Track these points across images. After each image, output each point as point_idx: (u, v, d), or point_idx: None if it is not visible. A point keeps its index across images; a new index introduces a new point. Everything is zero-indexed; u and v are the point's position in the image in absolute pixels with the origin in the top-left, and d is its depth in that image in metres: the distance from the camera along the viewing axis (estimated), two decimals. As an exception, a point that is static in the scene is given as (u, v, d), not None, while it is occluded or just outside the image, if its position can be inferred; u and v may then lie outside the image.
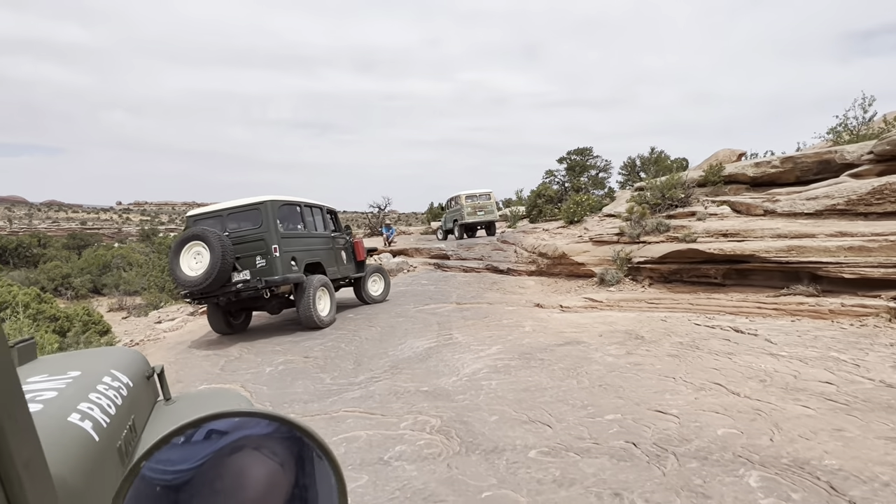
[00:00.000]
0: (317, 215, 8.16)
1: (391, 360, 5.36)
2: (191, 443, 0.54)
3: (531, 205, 23.39)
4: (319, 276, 7.34)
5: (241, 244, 6.75)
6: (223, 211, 7.01)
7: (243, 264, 6.69)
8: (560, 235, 12.50)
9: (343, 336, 6.72)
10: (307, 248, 7.51)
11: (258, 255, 6.68)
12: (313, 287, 7.06)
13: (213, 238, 6.43)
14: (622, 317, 6.94)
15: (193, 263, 6.56)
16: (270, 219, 6.78)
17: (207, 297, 6.83)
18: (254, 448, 0.55)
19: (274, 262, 6.65)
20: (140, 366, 1.04)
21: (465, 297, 9.51)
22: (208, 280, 6.39)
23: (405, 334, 6.56)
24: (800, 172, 10.13)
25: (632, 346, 5.54)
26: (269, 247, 6.67)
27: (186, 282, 6.54)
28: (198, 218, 7.10)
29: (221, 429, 0.55)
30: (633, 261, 8.59)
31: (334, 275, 8.15)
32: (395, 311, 8.44)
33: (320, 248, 7.94)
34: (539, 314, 7.52)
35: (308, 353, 5.95)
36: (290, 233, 7.19)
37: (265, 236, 6.72)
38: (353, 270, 9.06)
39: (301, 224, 7.64)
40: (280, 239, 6.79)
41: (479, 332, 6.51)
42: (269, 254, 6.66)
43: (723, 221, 8.05)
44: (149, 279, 19.09)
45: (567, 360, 5.04)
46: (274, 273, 6.65)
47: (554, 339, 6.08)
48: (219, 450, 0.55)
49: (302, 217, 7.68)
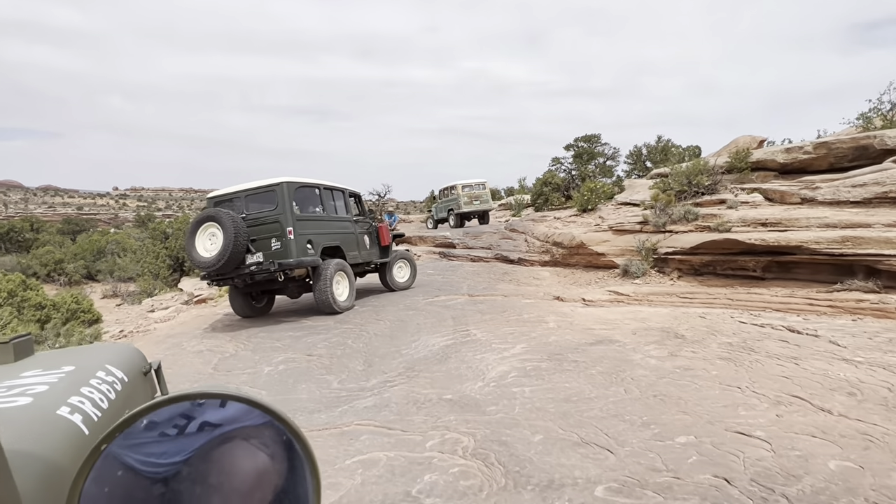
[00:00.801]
0: (338, 199, 7.93)
1: (406, 361, 4.76)
2: (184, 434, 0.53)
3: (537, 193, 22.77)
4: (337, 261, 7.14)
5: (257, 226, 6.65)
6: (241, 192, 6.93)
7: (258, 246, 6.59)
8: (574, 224, 11.89)
9: (349, 331, 6.12)
10: (325, 231, 7.30)
11: (273, 237, 6.57)
12: (330, 271, 6.87)
13: (226, 219, 6.33)
14: (654, 312, 6.36)
15: (208, 244, 6.51)
16: (286, 201, 6.63)
17: (223, 279, 6.78)
18: (243, 439, 0.54)
19: (288, 245, 6.52)
20: (137, 361, 1.03)
21: (476, 289, 8.92)
22: (221, 261, 6.30)
23: (418, 330, 5.96)
24: (834, 159, 9.51)
25: (673, 346, 4.97)
26: (283, 229, 6.55)
27: (201, 262, 6.52)
28: (218, 199, 7.03)
29: (214, 420, 0.54)
30: (659, 251, 7.99)
31: (355, 259, 7.87)
32: (404, 302, 7.84)
33: (340, 231, 7.70)
34: (561, 308, 6.93)
35: (311, 351, 5.35)
36: (306, 215, 7.02)
37: (280, 218, 6.58)
38: (376, 256, 8.74)
39: (319, 207, 7.46)
40: (295, 221, 6.64)
41: (498, 328, 5.93)
42: (284, 236, 6.54)
43: (759, 210, 7.45)
44: (143, 265, 18.47)
45: (605, 363, 4.46)
46: (288, 256, 6.52)
47: (583, 336, 5.50)
48: (208, 441, 0.53)
49: (321, 200, 7.48)
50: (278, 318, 7.44)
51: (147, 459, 0.51)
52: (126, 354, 1.02)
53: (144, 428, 0.51)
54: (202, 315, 8.27)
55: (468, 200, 18.83)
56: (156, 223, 19.61)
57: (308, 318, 7.19)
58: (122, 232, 41.21)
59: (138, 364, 1.03)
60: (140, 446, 0.51)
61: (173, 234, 18.29)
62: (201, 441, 0.53)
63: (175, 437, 0.53)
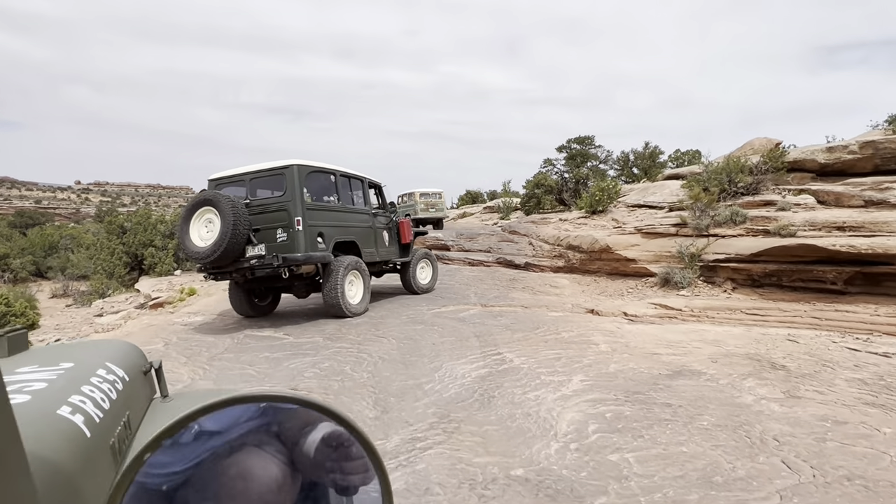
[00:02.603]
0: (355, 188, 7.01)
1: (434, 402, 3.40)
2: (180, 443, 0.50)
3: (529, 195, 21.73)
4: (352, 258, 6.30)
5: (262, 214, 5.84)
6: (246, 175, 6.10)
7: (261, 237, 5.80)
8: (586, 226, 10.71)
9: (345, 352, 4.72)
10: (339, 223, 6.42)
11: (279, 227, 5.78)
12: (343, 269, 6.05)
13: (224, 204, 5.51)
14: (724, 333, 5.17)
15: (204, 232, 5.72)
16: (296, 186, 5.79)
17: (220, 272, 5.95)
18: (255, 445, 0.51)
19: (296, 237, 5.72)
20: (137, 360, 0.95)
21: (487, 298, 7.61)
22: (217, 252, 5.49)
23: (435, 352, 4.61)
24: (880, 160, 8.57)
25: (780, 381, 3.78)
26: (291, 219, 5.73)
27: (194, 253, 5.69)
28: (220, 182, 6.20)
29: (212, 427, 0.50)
30: (704, 258, 6.83)
31: (371, 257, 6.97)
32: (406, 313, 6.47)
33: (356, 225, 6.79)
34: (603, 325, 5.68)
35: (296, 382, 3.94)
36: (318, 204, 6.17)
37: (288, 206, 5.76)
38: (395, 254, 7.80)
39: (334, 196, 6.58)
40: (305, 210, 5.81)
41: (538, 351, 4.63)
42: (291, 227, 5.73)
43: (831, 212, 6.36)
44: (96, 263, 16.53)
45: (710, 409, 3.24)
46: (295, 250, 5.70)
47: (650, 364, 4.27)
48: (216, 449, 0.50)
49: (336, 188, 6.58)
50: (250, 330, 5.96)
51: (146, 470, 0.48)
52: (126, 352, 0.96)
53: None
54: (154, 325, 6.72)
55: (424, 207, 19.38)
56: (112, 216, 17.66)
57: (290, 328, 5.75)
58: (80, 227, 38.49)
59: (138, 362, 0.95)
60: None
61: (132, 229, 16.43)
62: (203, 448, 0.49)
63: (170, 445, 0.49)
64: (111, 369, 0.81)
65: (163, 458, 0.49)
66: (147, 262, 16.12)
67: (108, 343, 1.01)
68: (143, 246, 16.39)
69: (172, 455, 0.49)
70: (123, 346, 1.00)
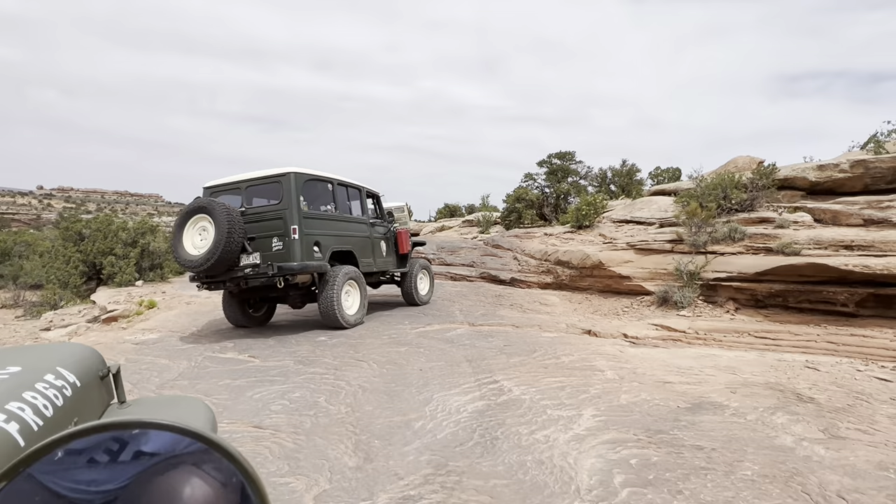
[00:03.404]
0: (353, 197, 6.98)
1: (426, 446, 2.85)
2: (117, 462, 0.49)
3: (510, 209, 21.45)
4: (349, 267, 6.19)
5: (258, 222, 5.76)
6: (242, 183, 6.01)
7: (256, 246, 5.70)
8: (574, 241, 10.34)
9: (319, 379, 4.12)
10: (336, 232, 6.32)
11: (275, 236, 5.68)
12: (340, 279, 5.90)
13: (219, 211, 5.41)
14: (735, 358, 4.76)
15: (198, 240, 5.63)
16: (293, 194, 5.69)
17: (213, 282, 5.81)
18: (192, 464, 0.50)
19: (291, 246, 5.60)
20: (93, 364, 0.94)
21: (474, 315, 7.10)
22: (210, 261, 5.37)
23: (424, 379, 4.06)
24: (870, 179, 8.46)
25: (810, 415, 3.39)
26: (287, 227, 5.64)
27: (187, 261, 5.58)
28: (215, 189, 6.10)
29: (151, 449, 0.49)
30: (703, 277, 6.48)
31: (369, 268, 6.85)
32: (388, 332, 5.90)
33: (353, 234, 6.69)
34: (603, 348, 5.22)
35: (260, 418, 3.33)
36: (315, 213, 6.08)
37: (284, 214, 5.67)
38: (392, 265, 7.67)
39: (332, 205, 6.56)
40: (302, 219, 5.71)
41: (537, 378, 4.13)
42: (287, 235, 5.63)
43: (835, 230, 6.10)
44: (49, 271, 15.41)
45: (749, 454, 2.80)
46: (290, 259, 5.58)
47: (665, 395, 3.82)
48: (149, 467, 0.49)
49: (334, 197, 6.53)
50: (211, 351, 5.29)
51: (75, 486, 0.47)
52: (81, 356, 0.94)
53: (66, 454, 0.47)
54: (102, 342, 5.98)
55: None
56: (69, 222, 16.57)
57: (257, 349, 5.11)
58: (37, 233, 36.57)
59: (94, 367, 0.95)
60: (65, 472, 0.47)
61: (90, 236, 15.40)
62: (139, 468, 0.49)
63: (107, 463, 0.48)
64: (61, 374, 0.79)
65: (95, 475, 0.47)
66: (106, 271, 15.07)
67: (62, 347, 0.96)
68: (103, 254, 15.34)
69: (104, 473, 0.47)
70: (79, 350, 0.95)
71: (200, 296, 11.62)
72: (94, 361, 0.96)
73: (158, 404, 1.12)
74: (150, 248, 16.24)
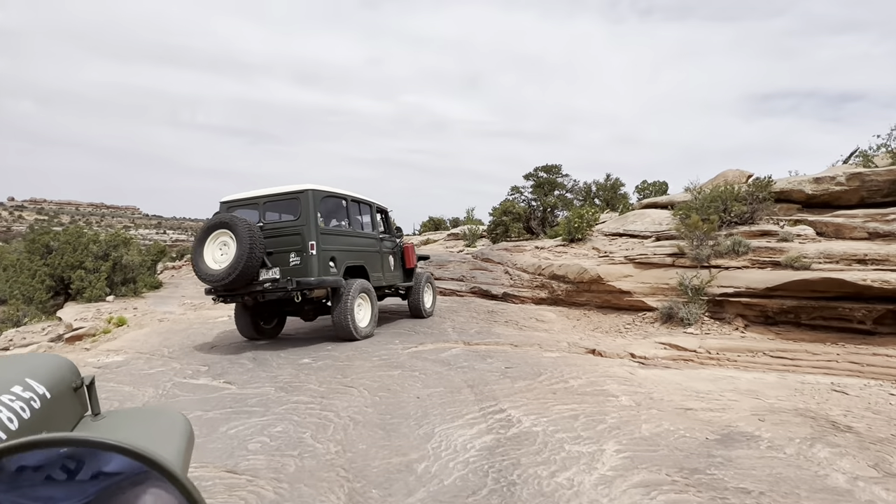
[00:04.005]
0: (365, 213, 7.14)
1: (433, 495, 2.42)
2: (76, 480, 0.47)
3: (496, 222, 21.20)
4: (361, 281, 6.31)
5: (275, 238, 5.86)
6: (260, 198, 6.13)
7: (275, 261, 5.82)
8: (567, 255, 10.04)
9: (303, 408, 3.66)
10: (350, 248, 6.49)
11: (293, 251, 5.80)
12: (352, 292, 6.04)
13: (241, 227, 5.51)
14: (755, 381, 4.44)
15: (218, 255, 5.75)
16: (311, 211, 5.84)
17: (232, 296, 5.91)
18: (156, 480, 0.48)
19: (309, 262, 5.74)
20: (65, 375, 0.90)
21: (468, 333, 6.70)
22: (232, 275, 5.48)
23: (423, 410, 3.62)
24: (866, 192, 8.36)
25: (853, 447, 3.08)
26: (305, 243, 5.76)
27: (208, 275, 5.65)
28: (232, 204, 6.24)
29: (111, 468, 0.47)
30: (709, 292, 6.19)
31: (378, 282, 6.98)
32: (378, 353, 5.45)
33: (365, 249, 6.86)
34: (612, 369, 4.85)
35: (235, 461, 2.86)
36: (331, 229, 6.26)
37: (302, 231, 5.80)
38: (399, 279, 7.84)
39: (346, 221, 6.71)
40: (319, 235, 5.84)
41: (548, 406, 3.74)
42: (305, 251, 5.76)
43: (846, 243, 5.88)
44: (12, 286, 14.56)
45: (801, 497, 2.48)
46: (308, 274, 5.72)
47: (689, 424, 3.47)
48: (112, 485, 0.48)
49: (347, 213, 6.70)
50: (182, 377, 4.78)
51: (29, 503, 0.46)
52: (53, 366, 0.91)
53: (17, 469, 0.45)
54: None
55: None
56: (36, 233, 15.75)
57: (234, 374, 4.62)
58: (6, 246, 35.16)
59: (67, 378, 0.91)
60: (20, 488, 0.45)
61: (59, 249, 14.63)
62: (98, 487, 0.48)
63: (65, 481, 0.47)
64: (30, 386, 0.77)
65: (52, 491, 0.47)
66: (75, 286, 14.30)
67: (33, 357, 0.94)
68: (72, 268, 14.56)
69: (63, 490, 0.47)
70: (50, 361, 0.93)
71: (175, 312, 11.00)
72: (66, 372, 0.93)
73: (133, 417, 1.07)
74: (123, 262, 15.51)
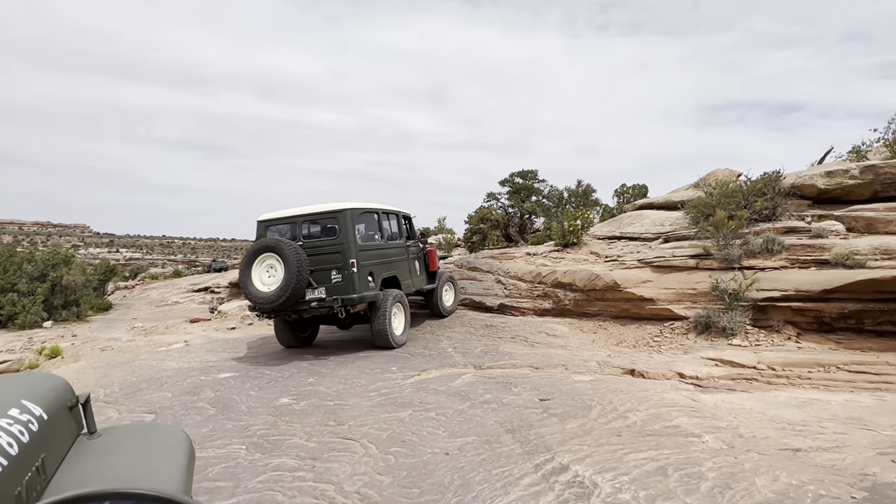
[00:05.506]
0: (393, 224, 7.23)
1: None
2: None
3: (473, 230, 20.38)
4: (396, 292, 6.44)
5: (316, 256, 5.94)
6: (298, 217, 6.27)
7: (317, 279, 5.89)
8: (565, 260, 9.21)
9: (287, 482, 2.58)
10: (384, 260, 6.61)
11: (334, 269, 5.91)
12: (389, 303, 6.14)
13: (288, 251, 5.64)
14: (847, 403, 3.62)
15: (266, 277, 5.84)
16: (350, 229, 5.98)
17: (278, 313, 6.02)
18: None
19: (351, 279, 5.85)
20: (60, 395, 0.87)
21: (473, 354, 5.72)
22: (282, 298, 5.58)
23: (460, 476, 2.61)
24: (879, 186, 7.89)
25: None
26: (346, 261, 5.89)
27: (259, 298, 5.73)
28: (270, 223, 6.37)
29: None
30: (748, 296, 5.43)
31: (409, 288, 7.12)
32: (374, 384, 4.40)
33: (396, 259, 7.00)
34: (668, 395, 3.95)
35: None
36: (368, 245, 6.35)
37: (343, 249, 5.93)
38: (424, 282, 7.93)
39: (378, 234, 6.81)
40: (358, 252, 5.95)
41: (619, 456, 2.80)
42: (347, 269, 5.87)
43: None
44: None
45: None
46: (351, 290, 5.82)
47: (814, 476, 2.63)
48: None
49: (379, 226, 6.84)
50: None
51: None
52: (48, 386, 0.87)
53: None
54: None
55: None
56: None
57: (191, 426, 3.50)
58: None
59: (62, 398, 0.89)
60: None
61: (-12, 270, 12.89)
62: None
63: None
64: (26, 408, 0.75)
65: None
66: (6, 311, 12.59)
67: (27, 378, 0.92)
68: (2, 291, 12.86)
69: None
70: (46, 380, 0.91)
71: (121, 339, 9.58)
72: (61, 391, 0.89)
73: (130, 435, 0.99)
74: (64, 282, 13.83)
